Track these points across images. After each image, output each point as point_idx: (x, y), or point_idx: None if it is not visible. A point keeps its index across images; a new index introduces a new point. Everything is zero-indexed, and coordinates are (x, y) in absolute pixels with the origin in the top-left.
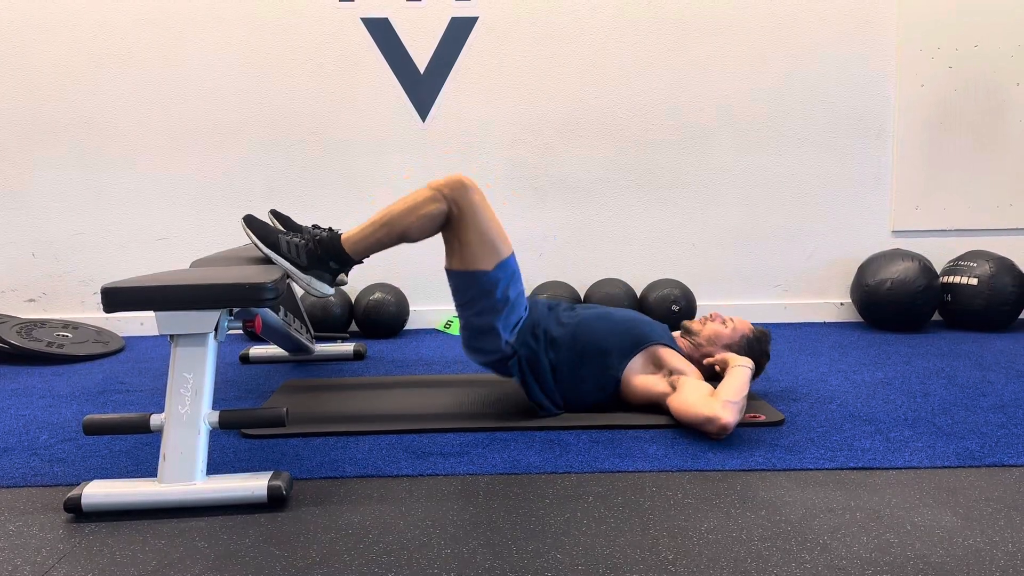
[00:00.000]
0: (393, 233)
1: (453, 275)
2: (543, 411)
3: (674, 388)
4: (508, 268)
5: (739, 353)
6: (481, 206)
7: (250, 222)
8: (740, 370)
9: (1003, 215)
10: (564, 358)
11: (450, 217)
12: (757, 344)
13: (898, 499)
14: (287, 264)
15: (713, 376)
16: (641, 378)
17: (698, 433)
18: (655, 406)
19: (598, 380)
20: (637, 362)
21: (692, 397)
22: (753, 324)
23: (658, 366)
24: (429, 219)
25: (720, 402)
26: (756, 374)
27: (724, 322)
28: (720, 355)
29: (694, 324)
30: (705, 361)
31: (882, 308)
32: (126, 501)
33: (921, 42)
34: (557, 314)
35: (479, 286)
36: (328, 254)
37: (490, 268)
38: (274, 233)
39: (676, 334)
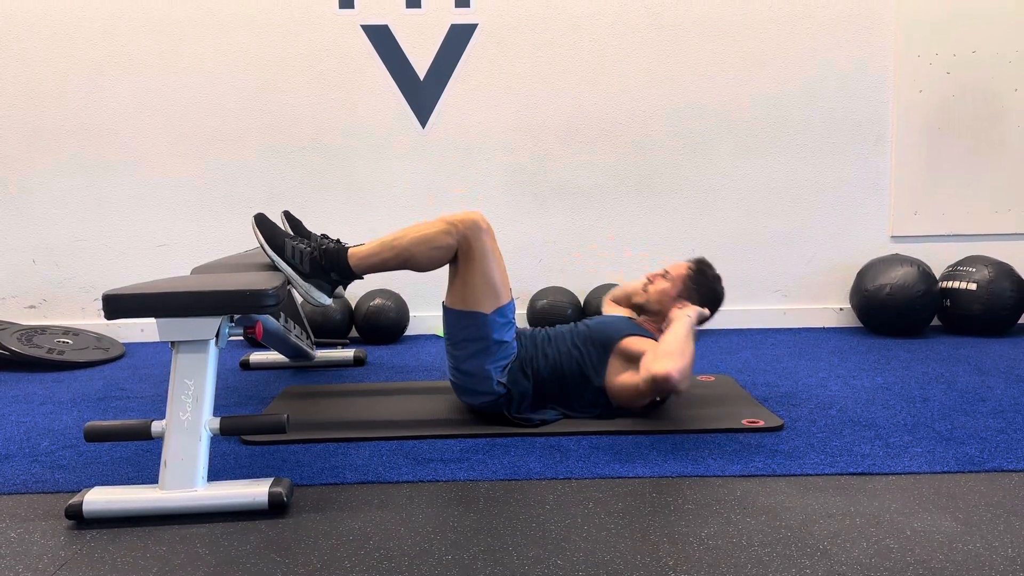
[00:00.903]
0: (400, 258)
1: (450, 313)
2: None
3: None
4: (505, 315)
5: (691, 297)
6: (491, 249)
7: (260, 222)
8: (677, 322)
9: (1002, 220)
10: (551, 387)
11: (458, 254)
12: (701, 277)
13: (898, 504)
14: (288, 269)
15: None
16: (620, 378)
17: (698, 439)
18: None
19: (587, 396)
20: (613, 365)
21: (633, 371)
22: (689, 260)
23: (630, 359)
24: (439, 251)
25: (654, 358)
26: (714, 306)
27: (664, 274)
28: (672, 314)
29: (639, 297)
30: (663, 326)
31: (881, 313)
32: (127, 508)
33: (919, 48)
34: (538, 345)
35: (475, 327)
36: (331, 265)
37: (488, 312)
38: (281, 236)
39: (638, 319)
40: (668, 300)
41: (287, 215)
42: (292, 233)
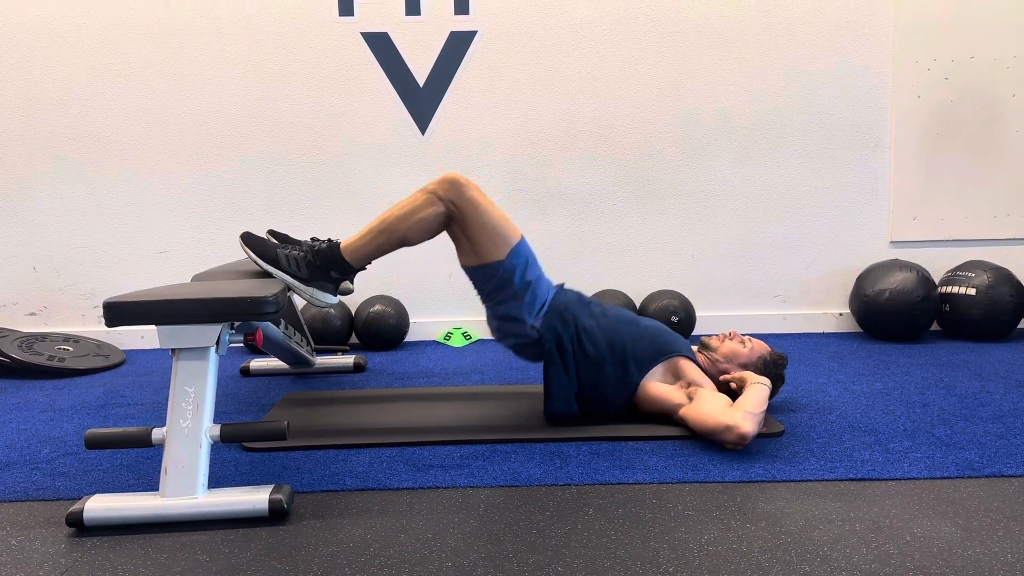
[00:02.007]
0: (392, 239)
1: (469, 271)
2: (557, 410)
3: (690, 399)
4: (521, 253)
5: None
6: (479, 200)
7: (248, 240)
8: (759, 387)
9: (1000, 225)
10: (589, 352)
11: (451, 217)
12: (773, 367)
13: (897, 510)
14: (288, 278)
15: (727, 394)
16: (659, 386)
17: (698, 445)
18: (664, 416)
19: (617, 382)
20: (658, 371)
21: (710, 406)
22: (775, 350)
23: (677, 377)
24: (428, 222)
25: (740, 412)
26: (770, 396)
27: (743, 342)
28: (738, 373)
29: (712, 340)
30: (721, 378)
31: (881, 318)
32: (128, 515)
33: (917, 53)
34: (589, 308)
35: (497, 277)
36: (328, 264)
37: (503, 257)
38: (272, 248)
39: (693, 348)
40: (732, 361)
41: (272, 233)
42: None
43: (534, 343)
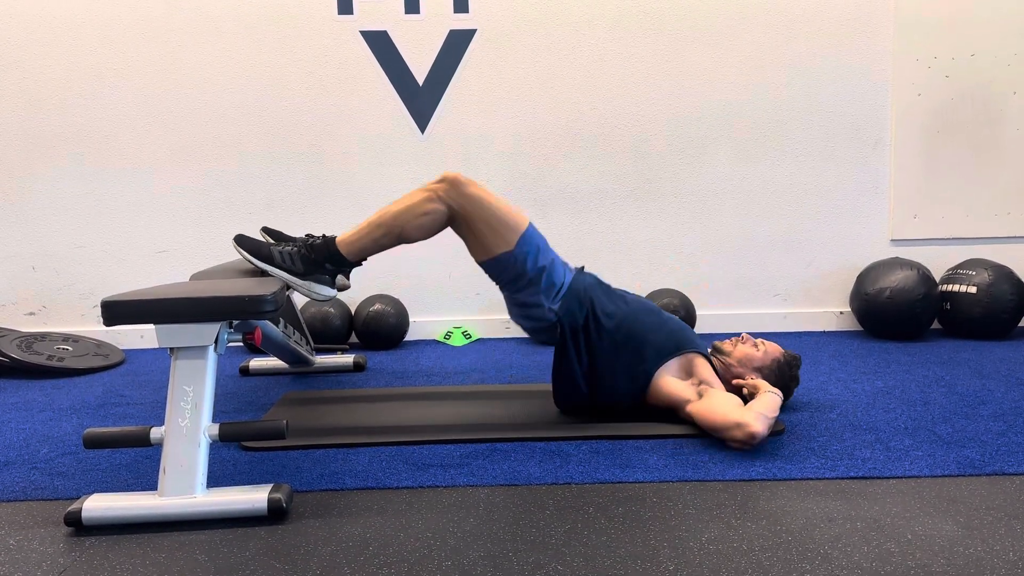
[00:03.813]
0: (391, 234)
1: (483, 265)
2: (566, 396)
3: (700, 397)
4: (530, 240)
5: (769, 377)
6: (480, 195)
7: (241, 241)
8: (772, 396)
9: (1001, 223)
10: (606, 338)
11: (454, 216)
12: (788, 369)
13: (898, 508)
14: (284, 274)
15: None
16: (671, 380)
17: (698, 443)
18: (669, 412)
19: (632, 370)
20: (673, 365)
21: (720, 403)
22: (787, 351)
23: (689, 374)
24: (428, 219)
25: (752, 412)
26: (784, 399)
27: (756, 345)
28: (751, 380)
29: (725, 345)
30: (734, 382)
31: (881, 317)
32: (126, 515)
33: (918, 51)
34: (609, 293)
35: (510, 267)
36: (322, 257)
37: (512, 247)
38: (266, 247)
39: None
40: (746, 365)
41: (266, 230)
42: (275, 241)
43: (551, 326)
